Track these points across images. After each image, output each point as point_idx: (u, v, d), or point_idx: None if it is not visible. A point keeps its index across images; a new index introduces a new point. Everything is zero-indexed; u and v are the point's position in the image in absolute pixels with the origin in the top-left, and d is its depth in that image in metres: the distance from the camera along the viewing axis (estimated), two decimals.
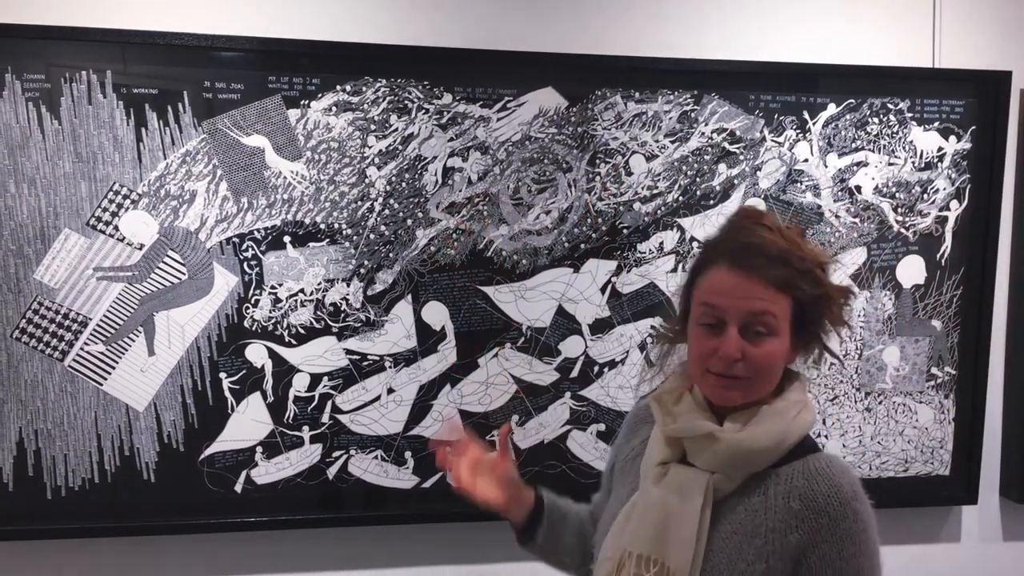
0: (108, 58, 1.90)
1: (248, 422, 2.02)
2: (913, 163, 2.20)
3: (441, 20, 2.06)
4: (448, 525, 2.14)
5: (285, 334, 2.02)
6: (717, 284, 1.30)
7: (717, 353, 1.28)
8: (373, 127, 2.00)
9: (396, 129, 2.01)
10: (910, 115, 2.18)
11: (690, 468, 1.34)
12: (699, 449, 1.33)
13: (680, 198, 2.13)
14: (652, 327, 2.14)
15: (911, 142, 2.19)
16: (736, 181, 2.14)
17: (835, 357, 1.42)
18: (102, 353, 1.96)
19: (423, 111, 2.02)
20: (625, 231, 2.12)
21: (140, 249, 1.95)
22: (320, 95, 1.98)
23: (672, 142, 2.11)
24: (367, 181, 2.01)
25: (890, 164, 2.19)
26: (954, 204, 2.22)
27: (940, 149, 2.20)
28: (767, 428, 1.30)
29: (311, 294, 2.02)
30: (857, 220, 2.19)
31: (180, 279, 1.97)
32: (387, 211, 2.03)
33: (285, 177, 1.98)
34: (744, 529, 1.29)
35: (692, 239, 2.13)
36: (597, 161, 2.09)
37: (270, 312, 2.01)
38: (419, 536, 2.15)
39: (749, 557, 1.27)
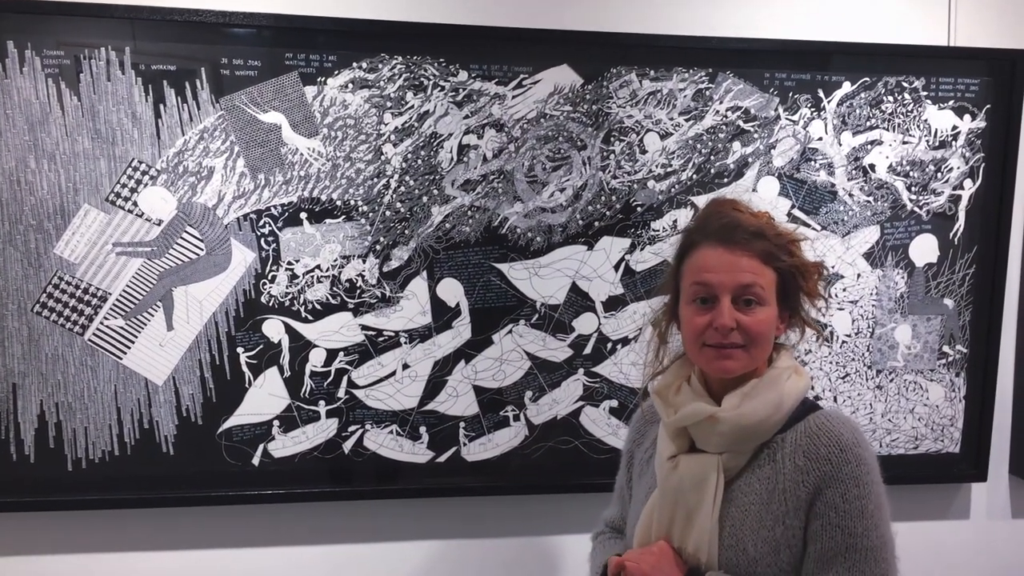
0: (126, 35, 1.91)
1: (265, 396, 2.04)
2: (927, 142, 2.20)
3: None
4: (462, 499, 2.17)
5: (302, 310, 2.03)
6: (705, 262, 1.37)
7: (712, 325, 1.34)
8: (389, 104, 2.01)
9: (412, 106, 2.02)
10: (925, 93, 2.18)
11: (699, 455, 1.38)
12: (704, 434, 1.38)
13: (694, 176, 2.13)
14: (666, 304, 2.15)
15: (925, 121, 2.19)
16: (750, 159, 2.15)
17: (815, 329, 1.47)
18: (121, 328, 1.98)
19: (439, 88, 2.02)
20: (639, 209, 2.13)
21: (159, 225, 1.97)
22: (336, 72, 1.99)
23: (687, 120, 2.11)
24: (383, 158, 2.02)
25: (904, 143, 2.19)
26: (968, 183, 2.22)
27: (954, 128, 2.20)
28: (764, 398, 1.35)
29: (327, 270, 2.03)
30: (871, 198, 2.19)
31: (198, 255, 1.98)
32: (403, 188, 2.04)
33: (302, 154, 2.00)
34: (760, 499, 1.33)
35: None
36: (612, 139, 2.09)
37: (287, 288, 2.03)
38: (433, 510, 2.17)
39: (768, 523, 1.32)
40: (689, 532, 1.36)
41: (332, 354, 2.06)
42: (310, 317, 2.04)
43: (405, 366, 2.09)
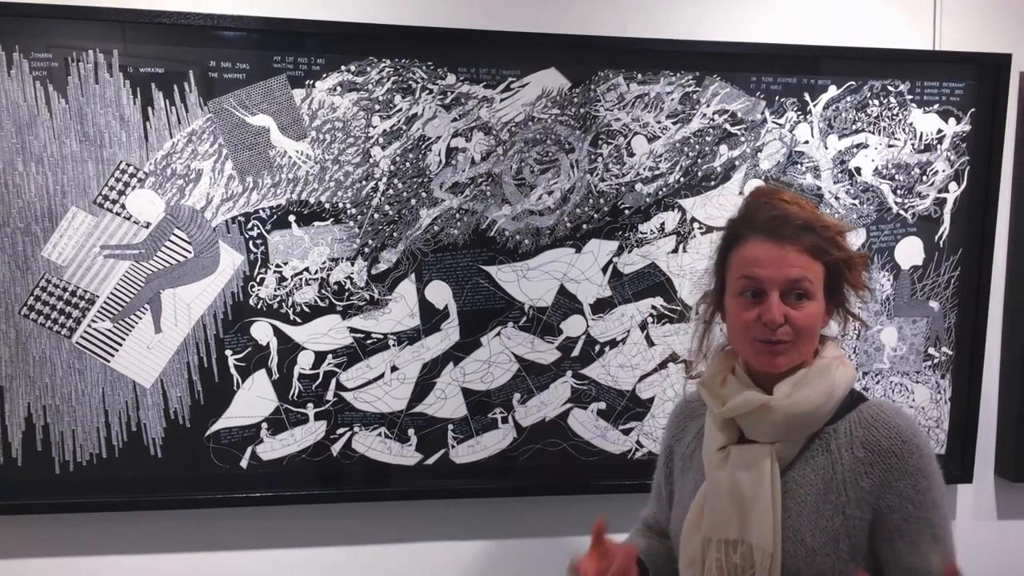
0: (114, 37, 1.91)
1: (253, 399, 2.04)
2: (913, 145, 2.21)
3: (446, 1, 2.06)
4: (450, 501, 2.17)
5: (290, 312, 2.04)
6: (753, 256, 1.36)
7: (760, 319, 1.33)
8: (377, 107, 2.02)
9: (400, 109, 2.03)
10: (910, 97, 2.20)
11: (751, 445, 1.38)
12: (755, 424, 1.37)
13: (681, 179, 2.14)
14: (653, 307, 2.16)
15: (911, 124, 2.20)
16: (737, 162, 2.16)
17: (860, 321, 1.48)
18: (109, 330, 1.98)
19: (427, 91, 2.03)
20: (627, 212, 2.13)
21: (147, 227, 1.97)
22: (325, 75, 1.99)
23: (674, 123, 2.12)
24: (371, 161, 2.03)
25: (890, 146, 2.20)
26: (953, 186, 2.24)
27: (939, 131, 2.22)
28: (815, 387, 1.35)
29: (316, 273, 2.04)
30: (857, 202, 2.20)
31: (186, 257, 1.99)
32: (391, 191, 2.04)
33: (290, 156, 2.00)
34: (816, 489, 1.33)
35: (693, 220, 2.15)
36: (599, 142, 2.10)
37: (275, 290, 2.03)
38: (422, 512, 2.18)
39: (827, 513, 1.32)
40: (748, 523, 1.34)
41: (320, 356, 2.06)
42: (298, 320, 2.04)
43: (393, 368, 2.09)
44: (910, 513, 1.30)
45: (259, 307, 2.03)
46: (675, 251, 2.16)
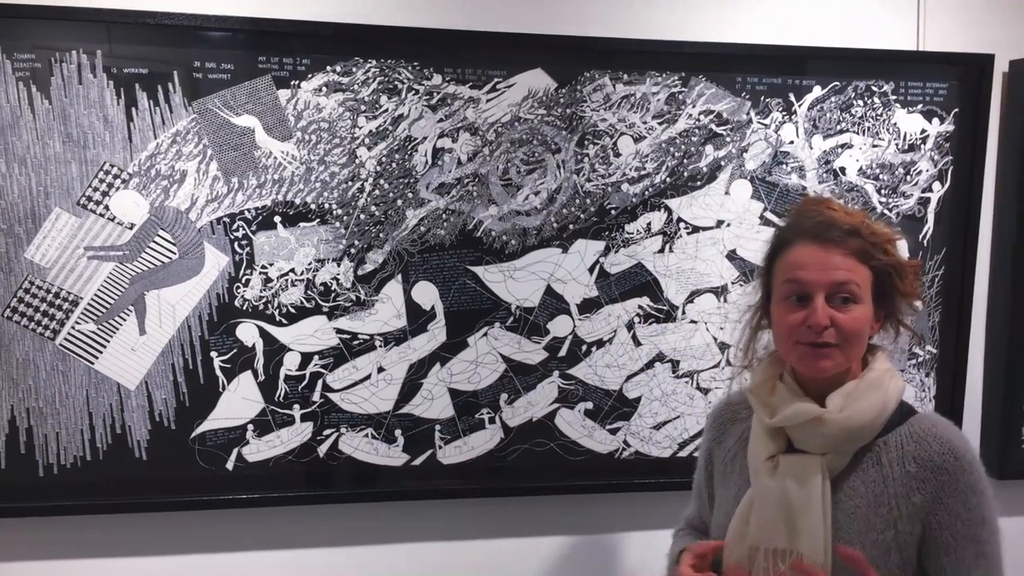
0: (98, 38, 1.89)
1: (239, 401, 2.04)
2: (897, 145, 2.22)
3: (431, 1, 2.06)
4: (438, 502, 2.17)
5: (276, 313, 2.03)
6: (799, 260, 1.35)
7: (806, 322, 1.33)
8: (363, 108, 2.01)
9: (386, 110, 2.02)
10: (894, 97, 2.21)
11: (800, 455, 1.37)
12: (806, 435, 1.36)
13: (667, 179, 2.15)
14: (640, 307, 2.17)
15: (895, 124, 2.21)
16: (723, 163, 2.16)
17: (910, 330, 1.46)
18: (93, 332, 1.97)
19: (413, 92, 2.03)
20: (613, 212, 2.14)
21: (131, 229, 1.95)
22: (310, 75, 1.98)
23: (660, 124, 2.13)
24: (357, 162, 2.02)
25: (874, 146, 2.21)
26: (936, 186, 2.25)
27: (923, 131, 2.23)
28: (869, 401, 1.34)
29: (302, 274, 2.03)
30: (841, 201, 2.21)
31: (171, 258, 1.97)
32: (377, 191, 2.04)
33: (275, 157, 1.99)
34: (867, 502, 1.33)
35: (679, 220, 2.16)
36: (586, 142, 2.10)
37: (261, 292, 2.02)
38: (409, 513, 2.17)
39: (878, 527, 1.31)
40: (798, 534, 1.34)
41: (307, 358, 2.06)
42: (284, 321, 2.04)
43: (380, 369, 2.09)
44: (958, 530, 1.30)
45: (245, 308, 2.02)
46: (661, 251, 2.16)
